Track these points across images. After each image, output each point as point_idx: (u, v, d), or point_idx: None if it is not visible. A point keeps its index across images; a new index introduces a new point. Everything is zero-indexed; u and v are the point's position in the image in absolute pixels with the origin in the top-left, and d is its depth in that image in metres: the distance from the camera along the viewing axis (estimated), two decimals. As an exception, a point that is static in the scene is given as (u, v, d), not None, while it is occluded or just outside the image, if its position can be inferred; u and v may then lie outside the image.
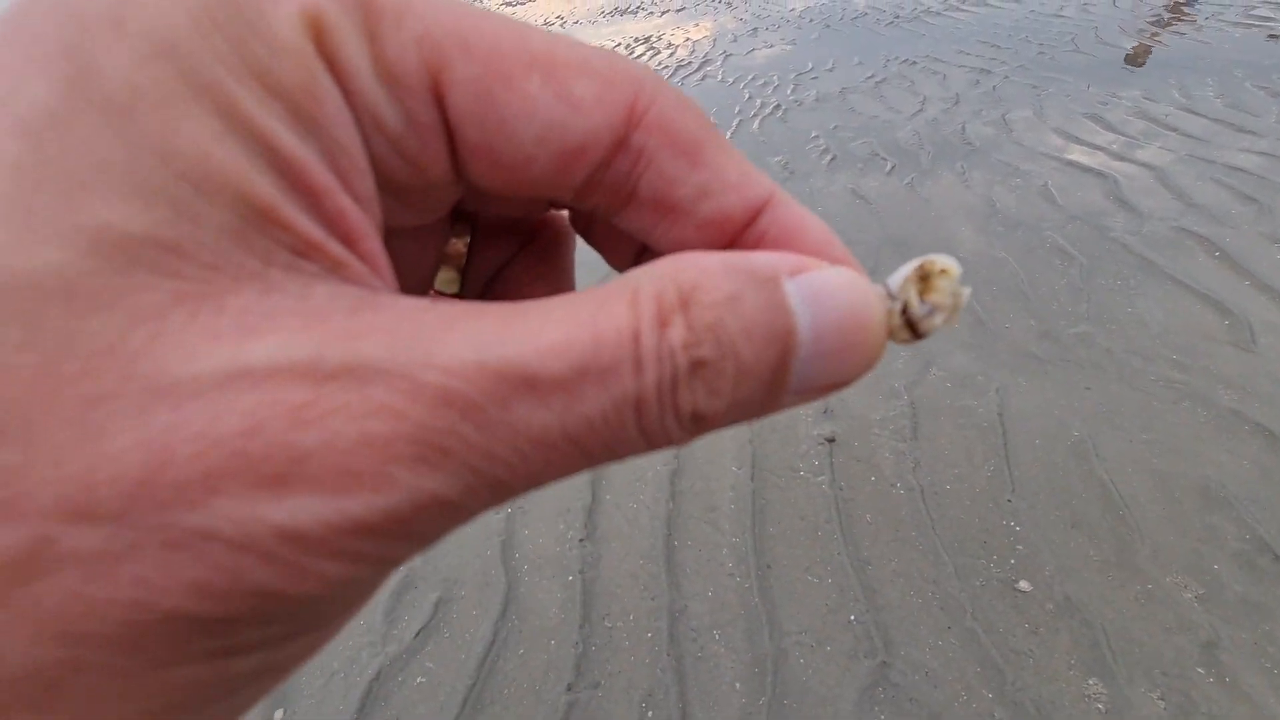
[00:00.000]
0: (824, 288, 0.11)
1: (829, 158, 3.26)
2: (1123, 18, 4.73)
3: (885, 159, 3.14)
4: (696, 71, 5.16)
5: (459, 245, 0.16)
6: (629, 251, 0.16)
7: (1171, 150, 2.76)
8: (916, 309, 0.13)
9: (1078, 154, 2.88)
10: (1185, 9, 4.72)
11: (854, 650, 1.21)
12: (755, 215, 0.13)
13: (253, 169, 0.09)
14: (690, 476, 1.62)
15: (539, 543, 1.52)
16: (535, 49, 0.11)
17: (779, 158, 3.36)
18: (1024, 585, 1.26)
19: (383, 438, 0.09)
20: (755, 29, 6.36)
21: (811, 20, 6.33)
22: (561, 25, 8.49)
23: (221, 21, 0.09)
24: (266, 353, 0.09)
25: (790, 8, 7.14)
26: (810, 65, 4.84)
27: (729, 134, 3.78)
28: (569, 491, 1.62)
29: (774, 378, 0.11)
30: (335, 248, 0.10)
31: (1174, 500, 1.37)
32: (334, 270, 0.10)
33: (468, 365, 0.09)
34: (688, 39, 6.39)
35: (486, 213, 0.16)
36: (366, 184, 0.11)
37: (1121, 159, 2.77)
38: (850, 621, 1.25)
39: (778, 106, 4.11)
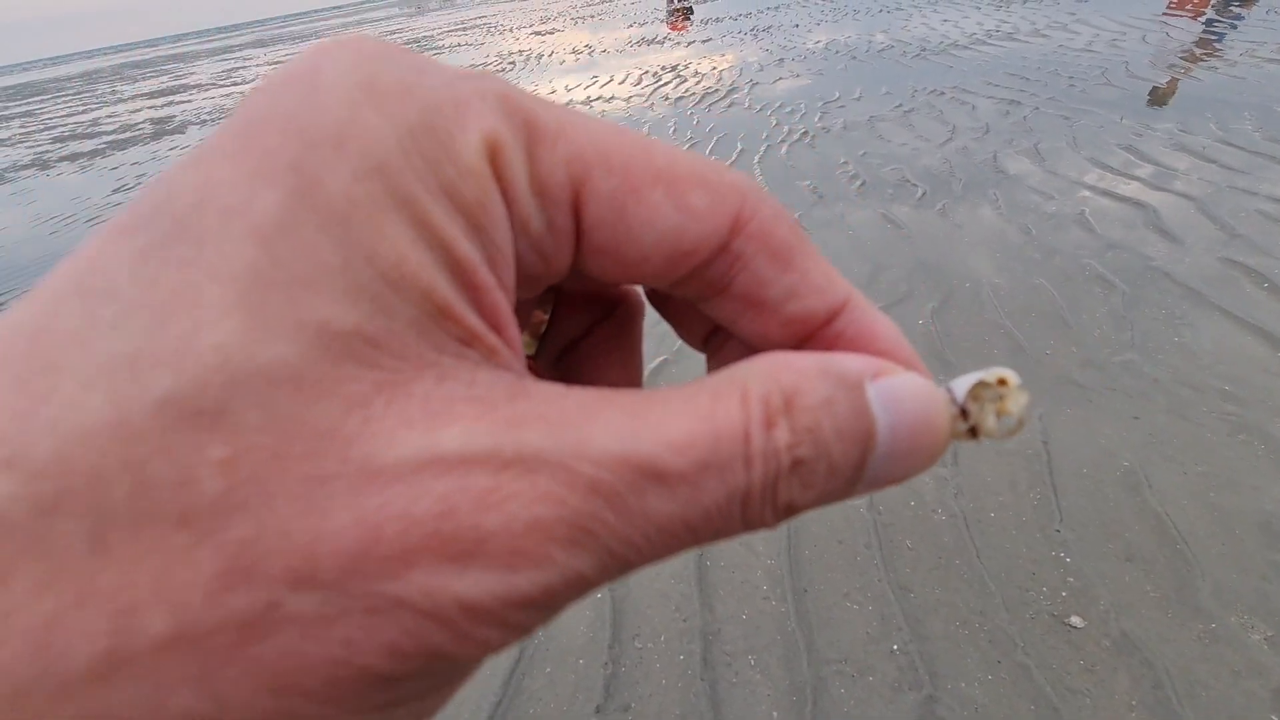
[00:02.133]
0: (900, 393, 0.13)
1: (858, 183, 3.26)
2: (1153, 52, 4.72)
3: (916, 186, 3.13)
4: (724, 99, 5.22)
5: (541, 315, 0.18)
6: (701, 330, 0.17)
7: (1211, 182, 2.72)
8: (989, 423, 0.14)
9: (1114, 184, 2.85)
10: (1216, 45, 4.71)
11: (898, 682, 1.15)
12: (834, 316, 0.14)
13: (436, 271, 0.11)
14: (722, 496, 1.58)
15: (567, 559, 1.49)
16: (659, 164, 0.13)
17: (807, 183, 3.37)
18: (1077, 620, 1.20)
19: (547, 522, 0.10)
20: (781, 59, 6.45)
21: (837, 52, 6.40)
22: (590, 54, 8.68)
23: (422, 145, 0.11)
24: (454, 442, 0.10)
25: (816, 40, 7.24)
26: (837, 94, 4.88)
27: (757, 159, 3.80)
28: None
29: (854, 474, 0.12)
30: (491, 337, 0.11)
31: (1234, 536, 1.31)
32: (489, 357, 0.11)
33: (612, 457, 0.11)
34: (714, 68, 6.48)
35: (571, 286, 0.18)
36: (511, 278, 0.12)
37: (1160, 189, 2.73)
38: (893, 651, 1.20)
39: (805, 133, 4.13)
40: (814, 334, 0.14)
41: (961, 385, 0.14)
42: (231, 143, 0.10)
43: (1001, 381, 0.14)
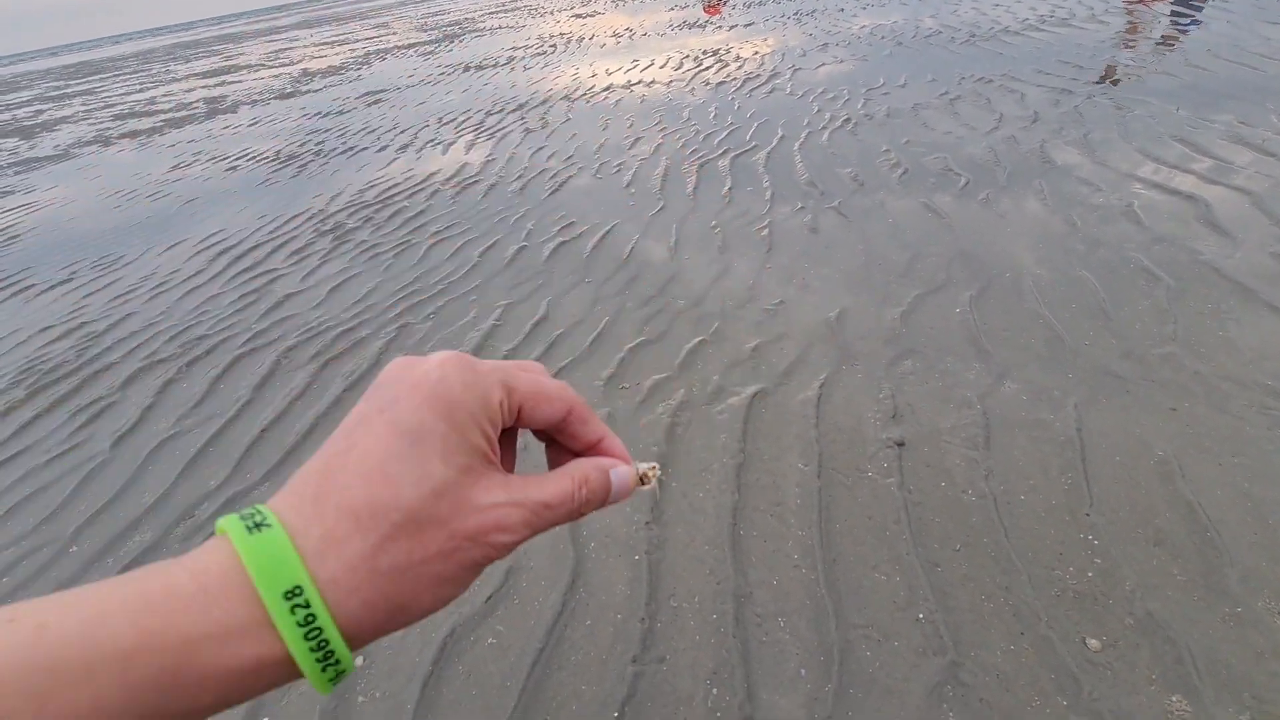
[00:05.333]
0: (619, 472, 0.32)
1: (900, 171, 3.24)
2: (1214, 42, 4.54)
3: (959, 174, 3.10)
4: (765, 84, 5.19)
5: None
6: (548, 444, 0.36)
7: (1269, 176, 2.64)
8: (647, 483, 0.34)
9: (1165, 176, 2.79)
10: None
11: (923, 647, 1.20)
12: (600, 440, 0.33)
13: (485, 443, 0.28)
14: (756, 470, 1.64)
15: (606, 523, 1.57)
16: (550, 392, 0.31)
17: (848, 170, 3.36)
18: (1102, 598, 1.23)
19: (514, 520, 0.28)
20: (825, 44, 6.35)
21: (883, 37, 6.29)
22: (630, 37, 8.64)
23: (482, 403, 0.28)
24: (499, 497, 0.27)
25: (861, 25, 7.10)
26: (881, 81, 4.81)
27: (797, 145, 3.79)
28: (636, 477, 1.66)
29: (604, 501, 0.32)
30: (498, 464, 0.29)
31: (1267, 526, 1.32)
32: (498, 470, 0.29)
33: (535, 501, 0.29)
34: (756, 53, 6.42)
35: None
36: (497, 438, 0.30)
37: (1213, 183, 2.67)
38: (919, 620, 1.25)
39: (847, 120, 4.10)
40: (593, 447, 0.34)
41: (641, 466, 0.34)
42: (407, 393, 0.27)
43: (654, 467, 0.35)
